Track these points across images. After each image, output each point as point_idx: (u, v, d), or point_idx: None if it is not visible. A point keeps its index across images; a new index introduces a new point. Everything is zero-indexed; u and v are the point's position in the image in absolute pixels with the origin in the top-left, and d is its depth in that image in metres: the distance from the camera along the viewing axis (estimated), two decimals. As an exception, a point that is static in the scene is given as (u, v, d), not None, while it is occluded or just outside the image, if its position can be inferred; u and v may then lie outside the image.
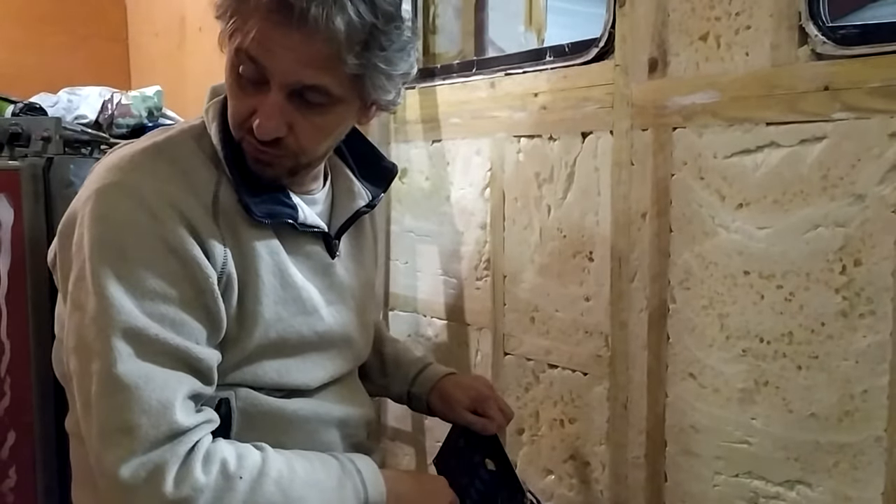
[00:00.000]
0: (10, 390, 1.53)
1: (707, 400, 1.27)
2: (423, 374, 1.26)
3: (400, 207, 1.92)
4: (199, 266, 0.89)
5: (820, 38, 1.09)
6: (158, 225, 0.88)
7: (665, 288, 1.32)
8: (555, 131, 1.51)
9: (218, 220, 0.93)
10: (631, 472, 1.40)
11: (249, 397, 0.97)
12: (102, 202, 0.89)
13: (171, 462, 0.84)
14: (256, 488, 0.88)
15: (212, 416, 0.91)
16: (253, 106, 0.91)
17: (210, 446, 0.88)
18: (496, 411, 1.20)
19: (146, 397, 0.84)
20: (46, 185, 1.53)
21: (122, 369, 0.84)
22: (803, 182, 1.13)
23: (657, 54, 1.30)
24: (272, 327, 0.97)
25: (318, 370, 1.04)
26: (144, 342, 0.86)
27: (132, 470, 0.82)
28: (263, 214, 0.96)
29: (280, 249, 0.99)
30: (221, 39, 0.93)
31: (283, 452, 0.94)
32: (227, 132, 0.97)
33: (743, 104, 1.19)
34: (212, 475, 0.86)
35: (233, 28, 0.90)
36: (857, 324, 1.08)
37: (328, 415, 1.05)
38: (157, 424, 0.84)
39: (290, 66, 0.88)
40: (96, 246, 0.87)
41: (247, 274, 0.95)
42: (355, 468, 0.98)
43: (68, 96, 1.87)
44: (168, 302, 0.88)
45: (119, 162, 0.93)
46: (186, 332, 0.88)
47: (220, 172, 0.96)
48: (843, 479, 1.11)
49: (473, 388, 1.23)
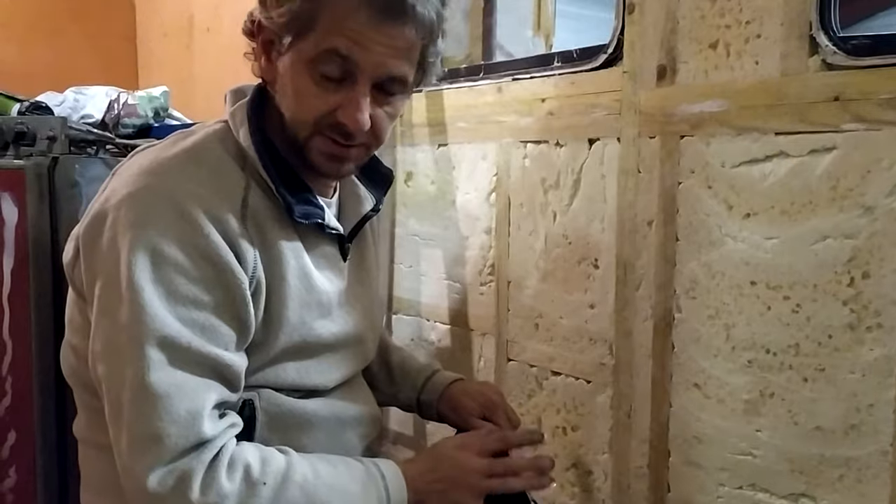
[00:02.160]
0: (12, 389, 1.53)
1: (712, 410, 1.26)
2: (432, 380, 1.26)
3: (405, 211, 1.91)
4: (231, 272, 0.90)
5: (830, 48, 1.08)
6: (192, 229, 0.88)
7: (671, 297, 1.31)
8: (562, 137, 1.50)
9: (247, 224, 0.93)
10: (633, 481, 1.39)
11: (272, 398, 0.98)
12: (136, 206, 0.89)
13: (197, 469, 0.84)
14: (280, 494, 0.88)
15: (235, 420, 0.92)
16: (335, 102, 0.93)
17: (234, 451, 0.88)
18: (504, 419, 1.19)
19: (176, 407, 0.85)
20: (51, 185, 1.52)
21: (154, 378, 0.84)
22: (812, 193, 1.12)
23: (666, 61, 1.29)
24: (296, 330, 0.98)
25: (333, 371, 1.05)
26: (177, 350, 0.86)
27: (160, 478, 0.83)
28: (301, 215, 0.97)
29: (303, 252, 1.00)
30: (270, 48, 0.95)
31: (307, 457, 0.94)
32: (259, 134, 0.97)
33: (752, 113, 1.18)
34: (236, 481, 0.86)
35: (317, 33, 0.91)
36: (865, 337, 1.07)
37: (344, 413, 1.06)
38: (186, 434, 0.84)
39: (383, 59, 0.92)
40: (130, 250, 0.86)
41: (274, 278, 0.95)
42: (379, 472, 0.97)
43: (74, 96, 1.87)
44: (201, 308, 0.88)
45: (150, 166, 0.93)
46: (217, 339, 0.89)
47: (247, 176, 0.96)
48: (849, 493, 1.10)
49: (483, 394, 1.23)
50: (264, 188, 0.97)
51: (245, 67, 1.04)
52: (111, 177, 0.99)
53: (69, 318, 1.00)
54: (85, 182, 1.54)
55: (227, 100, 1.04)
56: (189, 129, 1.04)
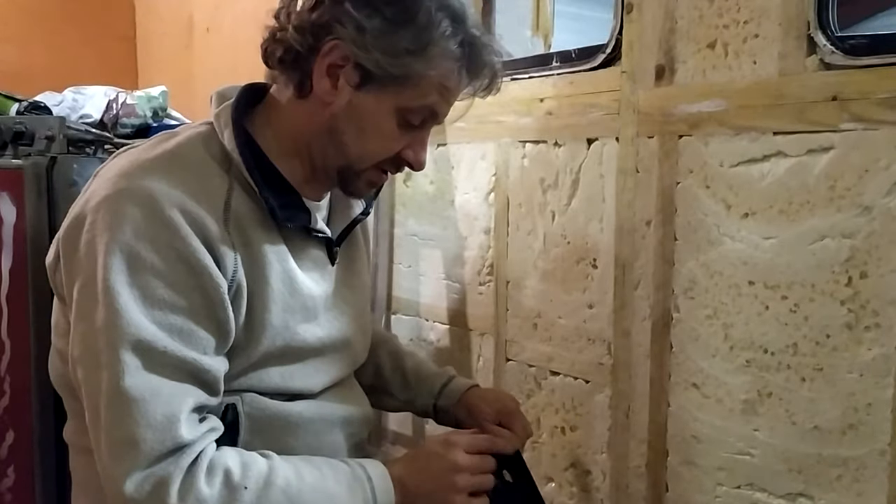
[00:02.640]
0: (10, 389, 1.53)
1: (710, 410, 1.26)
2: (449, 387, 1.26)
3: (404, 211, 1.91)
4: (210, 275, 0.89)
5: (828, 48, 1.08)
6: (170, 233, 0.87)
7: (669, 297, 1.31)
8: (560, 137, 1.50)
9: (229, 227, 0.92)
10: (632, 481, 1.39)
11: (255, 401, 0.97)
12: (113, 209, 0.88)
13: (175, 475, 0.84)
14: (262, 498, 0.87)
15: (215, 425, 0.91)
16: (405, 143, 1.00)
17: (214, 456, 0.87)
18: (520, 426, 1.19)
19: (152, 411, 0.84)
20: (49, 185, 1.52)
21: (129, 382, 0.84)
22: (810, 192, 1.12)
23: (664, 61, 1.29)
24: (280, 335, 0.97)
25: (319, 375, 1.04)
26: (153, 355, 0.85)
27: (136, 484, 0.83)
28: (286, 218, 0.97)
29: (288, 256, 0.99)
30: (341, 74, 0.95)
31: (291, 459, 0.94)
32: (244, 136, 0.97)
33: (750, 113, 1.18)
34: (215, 487, 0.85)
35: (419, 88, 0.96)
36: (863, 336, 1.07)
37: (332, 415, 1.05)
38: (162, 439, 0.84)
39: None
40: (106, 253, 0.86)
41: (256, 282, 0.94)
42: (366, 474, 0.96)
43: (73, 95, 1.87)
44: (177, 312, 0.87)
45: (130, 168, 0.92)
46: (195, 343, 0.88)
47: (231, 178, 0.96)
48: (846, 493, 1.10)
49: (499, 400, 1.23)
50: (248, 191, 0.96)
51: (244, 67, 1.04)
52: (93, 178, 0.98)
53: (54, 322, 1.00)
54: (83, 182, 1.51)
55: (212, 101, 1.03)
56: (173, 130, 1.03)
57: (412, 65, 0.93)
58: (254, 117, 1.01)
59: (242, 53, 2.27)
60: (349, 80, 0.94)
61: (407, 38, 0.92)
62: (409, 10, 0.92)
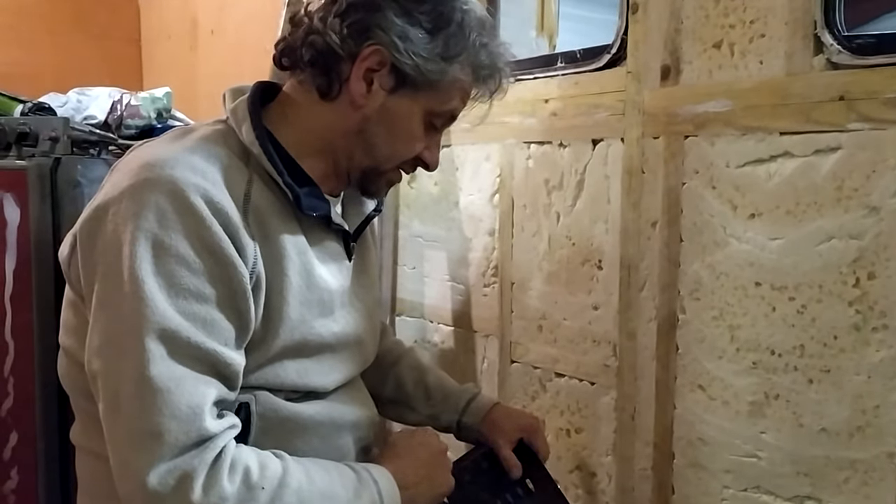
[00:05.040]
0: (14, 391, 1.53)
1: (716, 412, 1.25)
2: (474, 404, 1.27)
3: (408, 212, 1.91)
4: (234, 265, 0.89)
5: (835, 48, 1.08)
6: (195, 221, 0.87)
7: (675, 298, 1.30)
8: (565, 138, 1.50)
9: (248, 219, 0.93)
10: (638, 484, 1.38)
11: (269, 402, 0.97)
12: (137, 197, 0.87)
13: (199, 469, 0.83)
14: (277, 499, 0.87)
15: (235, 422, 0.91)
16: (424, 144, 1.05)
17: (235, 453, 0.87)
18: (542, 443, 1.24)
19: (177, 401, 0.83)
20: (53, 186, 1.52)
21: (154, 371, 0.83)
22: (817, 193, 1.11)
23: (670, 61, 1.29)
24: (297, 329, 0.97)
25: (333, 372, 1.05)
26: (178, 344, 0.85)
27: (160, 476, 0.81)
28: (309, 207, 0.98)
29: (307, 249, 0.99)
30: (376, 78, 0.98)
31: (302, 461, 0.94)
32: (262, 129, 0.98)
33: (756, 113, 1.17)
34: (236, 484, 0.85)
35: (447, 92, 1.02)
36: (870, 338, 1.07)
37: (342, 418, 1.05)
38: (187, 430, 0.83)
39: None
40: (131, 242, 0.85)
41: (275, 274, 0.94)
42: (372, 479, 0.97)
43: (77, 96, 1.86)
44: (202, 301, 0.87)
45: (151, 158, 0.91)
46: (217, 334, 0.88)
47: (250, 171, 0.96)
48: (854, 496, 1.09)
49: (523, 417, 1.28)
50: (268, 183, 0.96)
51: (248, 69, 1.04)
52: (110, 173, 0.98)
53: (64, 319, 0.99)
54: (87, 183, 1.53)
55: (225, 98, 1.03)
56: (187, 126, 1.04)
57: (446, 70, 0.99)
58: (268, 114, 1.01)
59: (247, 55, 2.27)
60: (383, 85, 0.98)
61: (442, 44, 0.98)
62: (445, 18, 0.98)
